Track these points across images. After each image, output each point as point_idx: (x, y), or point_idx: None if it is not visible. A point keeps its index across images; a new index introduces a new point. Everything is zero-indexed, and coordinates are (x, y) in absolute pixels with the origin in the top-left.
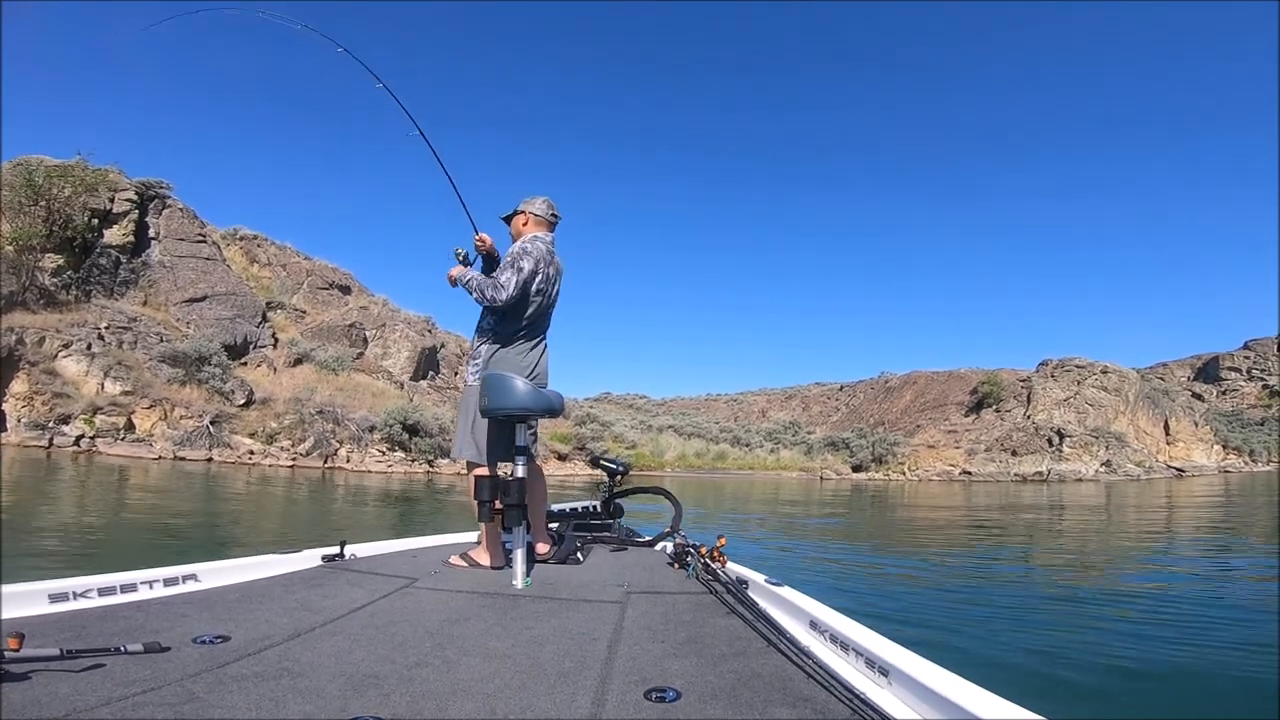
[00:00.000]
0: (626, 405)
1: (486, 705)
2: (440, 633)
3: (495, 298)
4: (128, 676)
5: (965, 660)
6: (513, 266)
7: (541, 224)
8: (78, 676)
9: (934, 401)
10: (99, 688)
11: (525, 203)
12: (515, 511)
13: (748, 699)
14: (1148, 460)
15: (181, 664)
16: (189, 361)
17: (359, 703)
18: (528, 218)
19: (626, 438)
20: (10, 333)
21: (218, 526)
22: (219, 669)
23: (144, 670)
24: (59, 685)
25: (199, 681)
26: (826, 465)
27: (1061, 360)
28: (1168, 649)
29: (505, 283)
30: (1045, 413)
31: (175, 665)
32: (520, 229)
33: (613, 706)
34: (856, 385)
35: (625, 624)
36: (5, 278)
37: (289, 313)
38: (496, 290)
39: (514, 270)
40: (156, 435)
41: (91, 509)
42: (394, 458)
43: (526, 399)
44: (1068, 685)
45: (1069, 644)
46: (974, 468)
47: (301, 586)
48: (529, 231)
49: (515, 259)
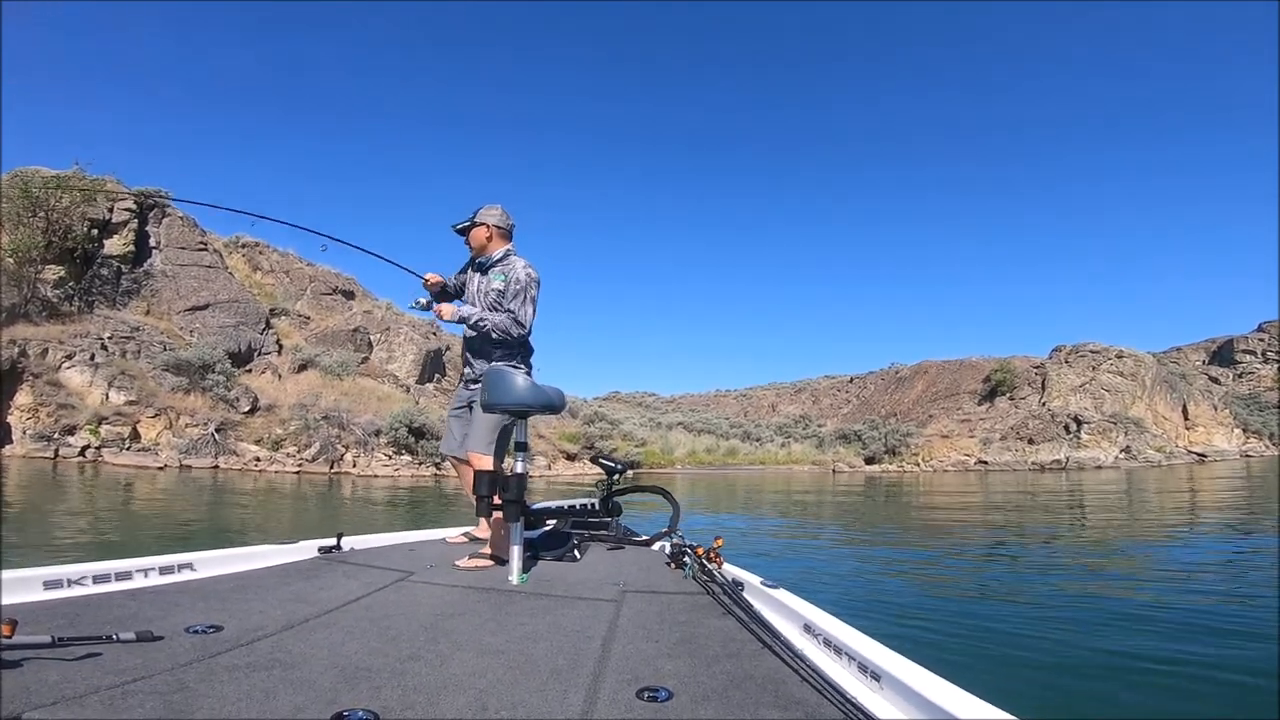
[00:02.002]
0: (635, 403)
1: (478, 700)
2: (434, 627)
3: (520, 333)
4: (119, 665)
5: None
6: (524, 295)
7: (504, 235)
8: (68, 664)
9: (946, 391)
10: (89, 676)
11: (484, 214)
12: (514, 507)
13: (739, 700)
14: (1168, 445)
15: (173, 653)
16: (193, 370)
17: (350, 695)
18: (490, 231)
19: (635, 436)
20: (13, 345)
21: (226, 532)
22: (210, 659)
23: (135, 659)
24: (49, 673)
25: (190, 671)
26: (839, 458)
27: (1076, 346)
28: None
29: (525, 318)
30: (1061, 399)
31: (167, 654)
32: (483, 242)
33: (604, 705)
34: (866, 377)
35: (620, 622)
36: (6, 290)
37: (293, 319)
38: (519, 326)
39: (529, 301)
40: (162, 444)
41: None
42: (400, 461)
43: (526, 395)
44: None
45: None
46: (990, 457)
47: (297, 578)
48: (495, 246)
49: (525, 289)
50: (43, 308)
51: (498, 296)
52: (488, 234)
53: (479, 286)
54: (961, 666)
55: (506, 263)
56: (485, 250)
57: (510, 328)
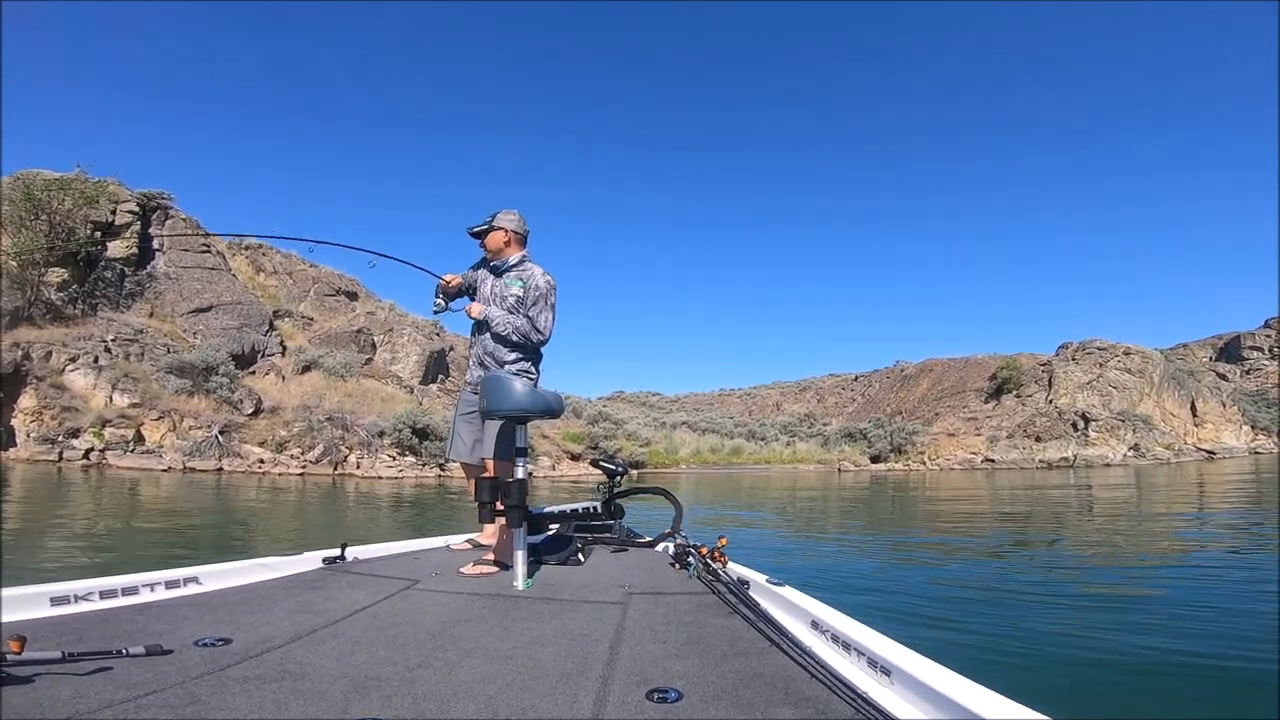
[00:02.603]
0: (640, 403)
1: (488, 706)
2: (441, 634)
3: (539, 340)
4: (130, 679)
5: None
6: (545, 302)
7: (520, 241)
8: (80, 679)
9: (952, 389)
10: (101, 690)
11: (503, 218)
12: (516, 512)
13: (749, 699)
14: (1176, 443)
15: (183, 667)
16: (196, 372)
17: (361, 704)
18: (509, 235)
19: (640, 435)
20: (17, 348)
21: (232, 537)
22: (220, 671)
23: (146, 673)
24: (61, 688)
25: (201, 684)
26: (844, 457)
27: (1082, 343)
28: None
29: (544, 325)
30: (1068, 396)
31: (177, 668)
32: (501, 246)
33: (614, 707)
34: (871, 375)
35: (626, 624)
36: (9, 293)
37: (296, 320)
38: (538, 334)
39: (549, 308)
40: (166, 446)
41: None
42: (404, 462)
43: (525, 401)
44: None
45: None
46: (996, 455)
47: (302, 589)
48: (512, 250)
49: (545, 297)
50: (46, 311)
51: (516, 302)
52: (506, 238)
53: (494, 289)
54: (986, 665)
55: (524, 269)
56: (502, 254)
57: (530, 333)
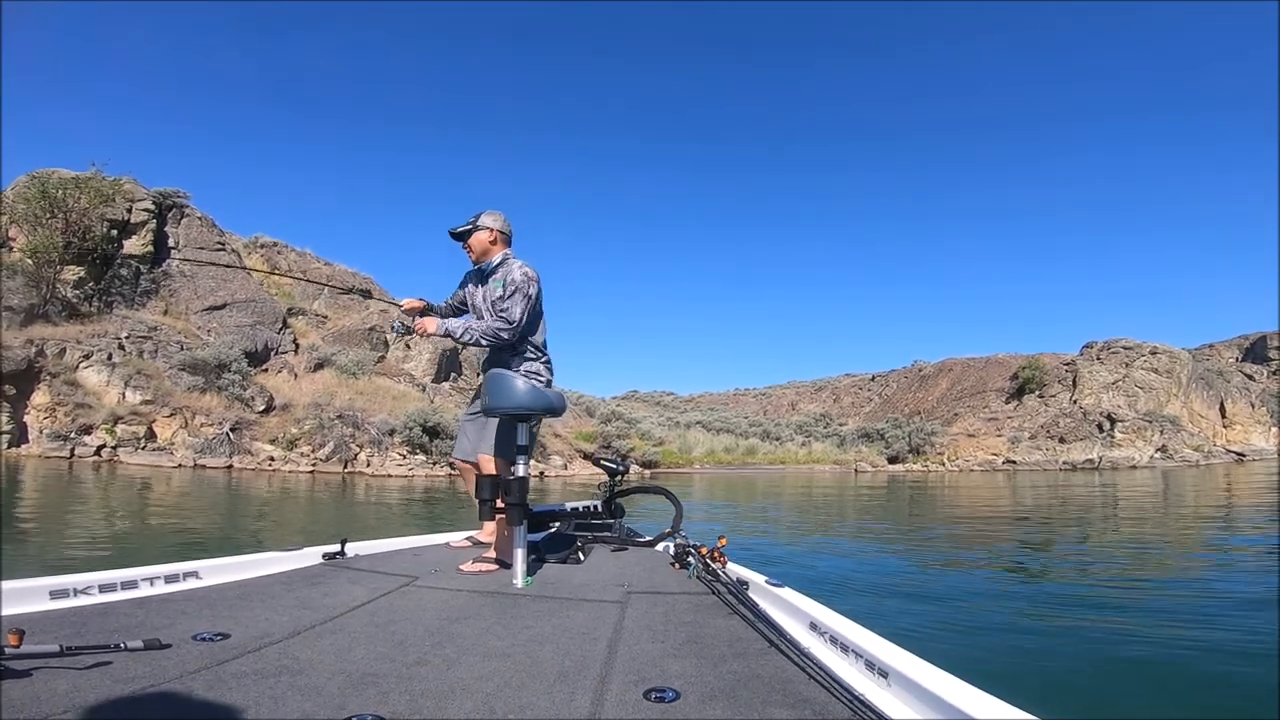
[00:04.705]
0: (654, 403)
1: (485, 704)
2: (440, 631)
3: (509, 336)
4: (127, 673)
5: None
6: (520, 294)
7: (506, 240)
8: (77, 674)
9: (972, 389)
10: (98, 685)
11: (486, 218)
12: (516, 510)
13: (747, 699)
14: (1205, 445)
15: (181, 661)
16: (209, 369)
17: (358, 701)
18: (494, 235)
19: (653, 435)
20: (31, 345)
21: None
22: (219, 666)
23: (144, 667)
24: (59, 682)
25: (198, 679)
26: (861, 457)
27: (1108, 342)
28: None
29: (513, 316)
30: (1093, 397)
31: (175, 662)
32: (486, 246)
33: (612, 706)
34: (889, 375)
35: (625, 624)
36: (25, 291)
37: (310, 318)
38: (507, 326)
39: (522, 299)
40: (177, 444)
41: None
42: (414, 461)
43: (526, 398)
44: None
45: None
46: (1018, 456)
47: (302, 584)
48: (498, 250)
49: (519, 288)
50: (63, 308)
51: (498, 302)
52: (491, 238)
53: (483, 297)
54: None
55: (505, 267)
56: (488, 255)
57: (500, 330)
